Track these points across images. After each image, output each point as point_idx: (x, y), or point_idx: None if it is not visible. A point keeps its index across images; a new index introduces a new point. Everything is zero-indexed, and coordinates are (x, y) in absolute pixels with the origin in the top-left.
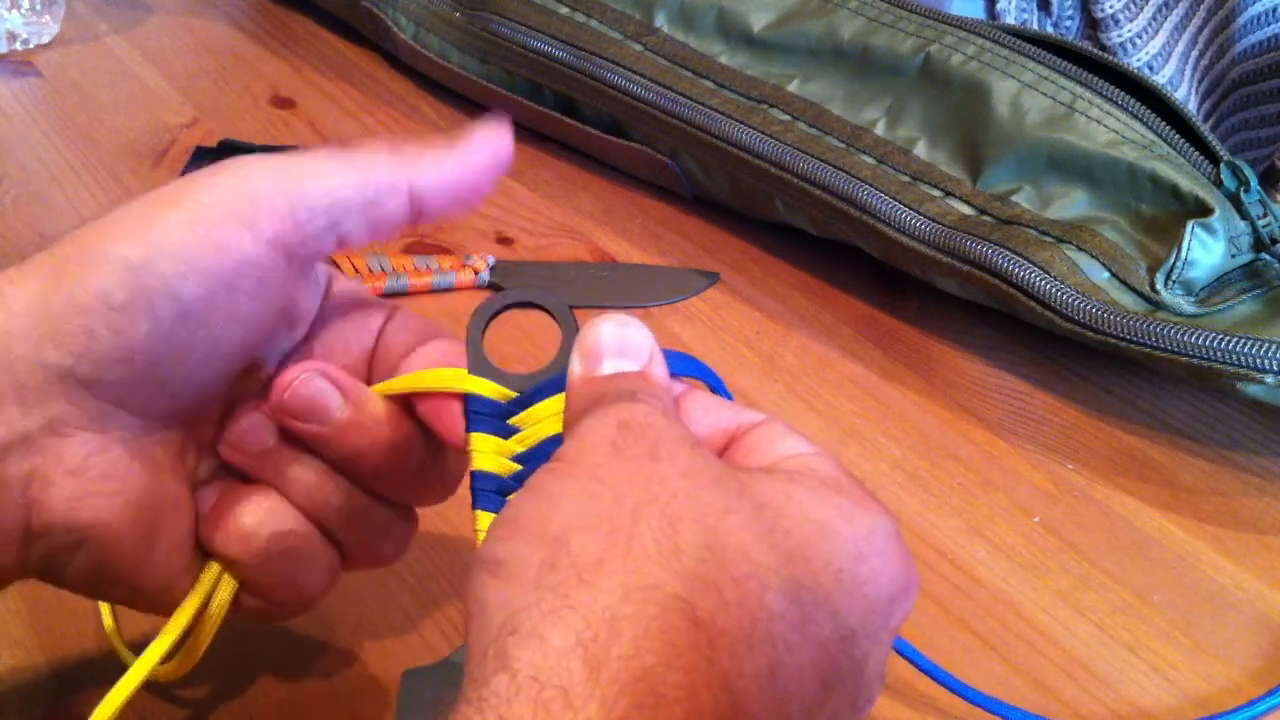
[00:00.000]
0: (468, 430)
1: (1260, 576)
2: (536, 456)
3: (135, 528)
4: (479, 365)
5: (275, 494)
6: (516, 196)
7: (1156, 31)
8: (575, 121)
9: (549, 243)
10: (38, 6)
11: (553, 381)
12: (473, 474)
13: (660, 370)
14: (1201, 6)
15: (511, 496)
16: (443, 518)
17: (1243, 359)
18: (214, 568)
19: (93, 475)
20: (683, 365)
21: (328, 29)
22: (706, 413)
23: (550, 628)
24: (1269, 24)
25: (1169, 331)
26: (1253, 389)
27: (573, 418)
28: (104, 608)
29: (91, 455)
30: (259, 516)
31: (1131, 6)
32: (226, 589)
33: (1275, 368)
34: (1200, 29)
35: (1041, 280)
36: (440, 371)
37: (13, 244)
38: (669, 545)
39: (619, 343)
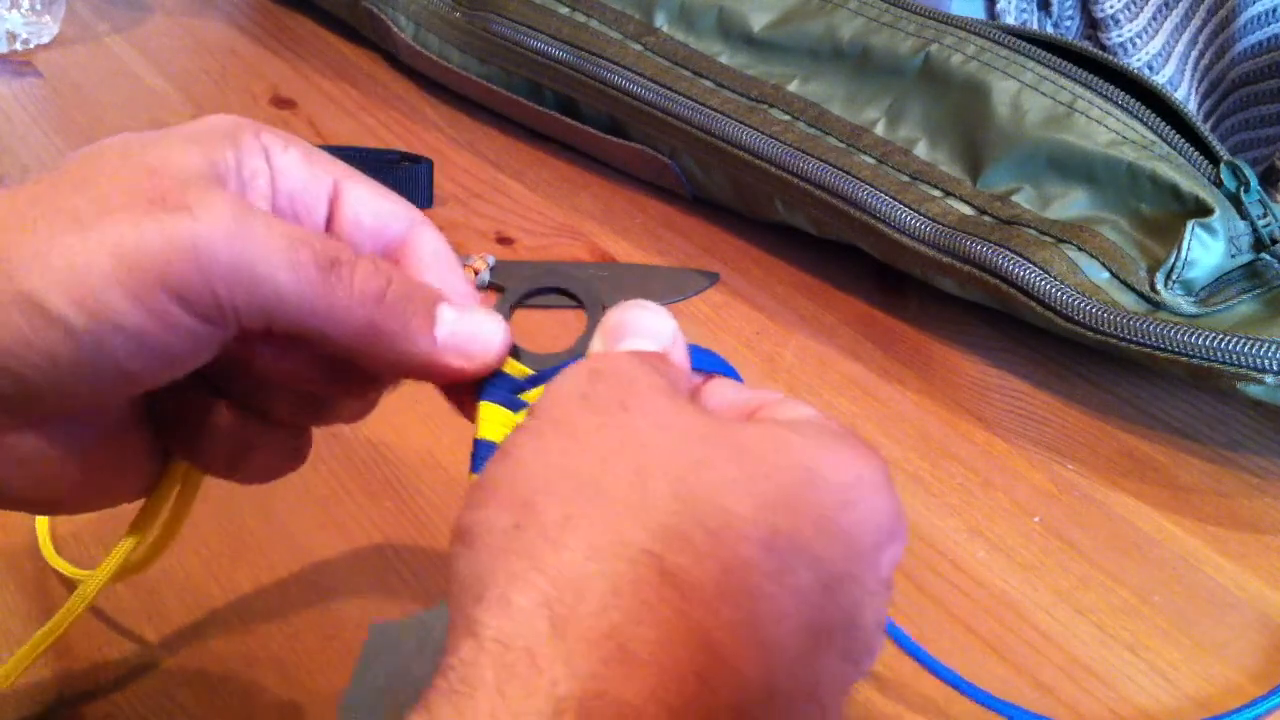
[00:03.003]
0: (478, 398)
1: (1260, 576)
2: None
3: (86, 490)
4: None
5: (240, 405)
6: (516, 196)
7: (1156, 32)
8: (575, 121)
9: (549, 243)
10: (38, 6)
11: (571, 361)
12: (475, 442)
13: (680, 354)
14: (1201, 6)
15: (486, 465)
16: (443, 517)
17: (1243, 359)
18: (180, 466)
19: (33, 468)
20: (705, 360)
21: (328, 29)
22: (725, 396)
23: (515, 591)
24: (1269, 24)
25: (1169, 331)
26: (1253, 389)
27: None
28: (40, 526)
29: (26, 452)
30: (232, 428)
31: (1131, 6)
32: (195, 481)
33: (1275, 368)
34: (1200, 29)
35: (1041, 280)
36: None
37: None
38: (638, 499)
39: (643, 325)
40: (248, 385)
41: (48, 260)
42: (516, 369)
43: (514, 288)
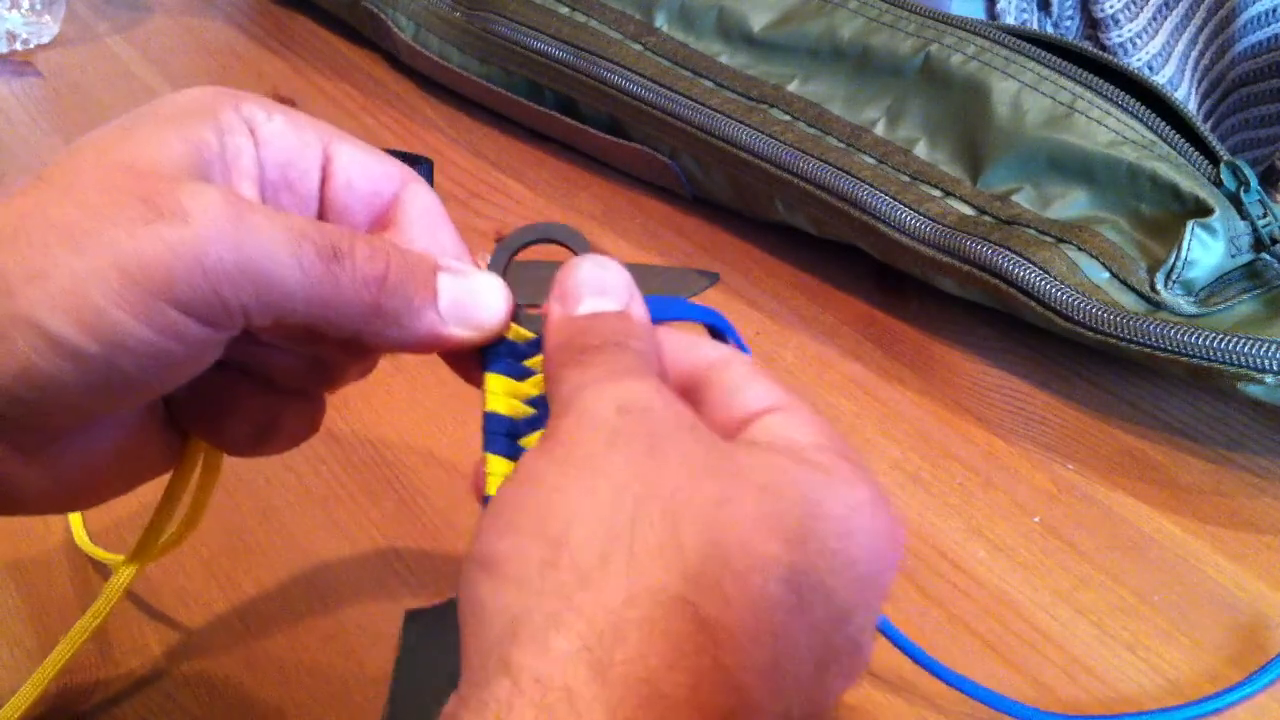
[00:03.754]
0: (484, 369)
1: (1260, 576)
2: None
3: (102, 484)
4: None
5: (250, 377)
6: (516, 196)
7: (1156, 32)
8: (575, 121)
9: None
10: (38, 6)
11: None
12: (485, 415)
13: (640, 310)
14: (1201, 6)
15: (502, 485)
16: (443, 517)
17: (1243, 359)
18: (199, 445)
19: (48, 477)
20: (673, 310)
21: (328, 29)
22: (673, 356)
23: (553, 632)
24: (1269, 24)
25: (1169, 331)
26: (1253, 389)
27: (553, 365)
28: (74, 517)
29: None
30: (245, 401)
31: (1131, 6)
32: (216, 459)
33: (1275, 368)
34: (1200, 29)
35: (1041, 280)
36: None
37: None
38: (672, 544)
39: (598, 282)
40: (257, 360)
41: (47, 281)
42: (518, 333)
43: (504, 245)
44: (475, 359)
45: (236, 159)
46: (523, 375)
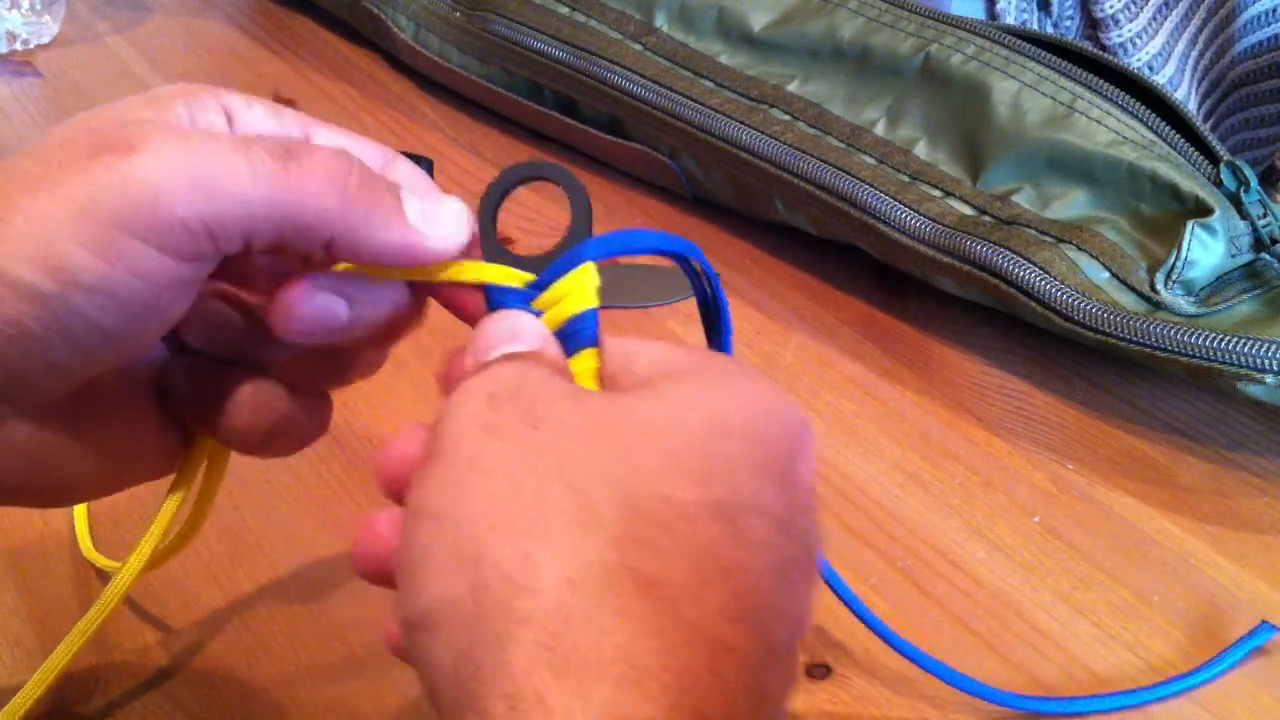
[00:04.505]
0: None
1: (1260, 576)
2: (565, 336)
3: (97, 477)
4: (493, 252)
5: (259, 375)
6: (516, 196)
7: (1156, 31)
8: (575, 121)
9: (549, 242)
10: (38, 6)
11: (568, 256)
12: None
13: (554, 352)
14: (1201, 7)
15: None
16: None
17: (1243, 359)
18: (206, 444)
19: (33, 458)
20: (638, 241)
21: (328, 29)
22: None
23: (508, 649)
24: (1269, 24)
25: (1169, 331)
26: (1253, 389)
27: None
28: (79, 519)
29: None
30: (254, 399)
31: (1131, 6)
32: (221, 461)
33: (1275, 368)
34: (1200, 29)
35: (1041, 280)
36: (455, 266)
37: None
38: (587, 514)
39: (509, 331)
40: (264, 355)
41: (6, 227)
42: (515, 277)
43: (496, 183)
44: (483, 310)
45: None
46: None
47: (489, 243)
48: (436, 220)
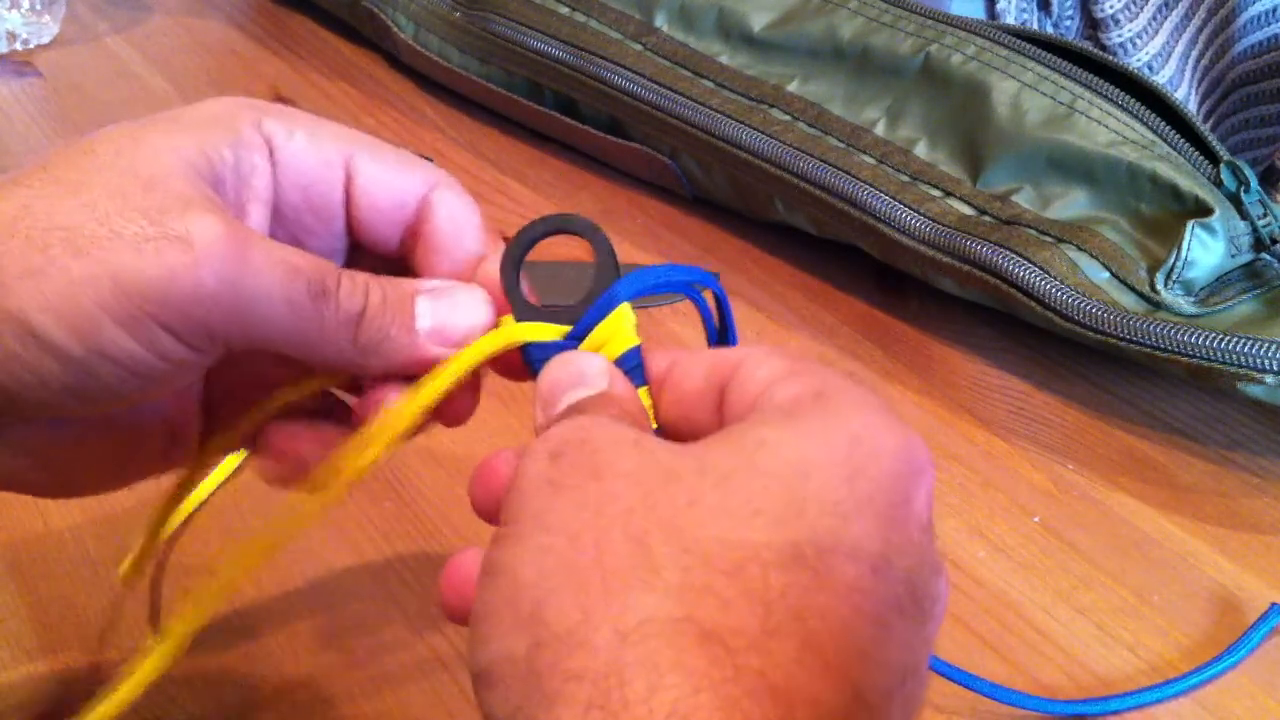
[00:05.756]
0: (534, 377)
1: (1260, 576)
2: None
3: (95, 473)
4: (522, 310)
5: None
6: (516, 196)
7: (1156, 31)
8: (575, 121)
9: (549, 242)
10: (38, 6)
11: (598, 306)
12: None
13: (622, 386)
14: (1201, 6)
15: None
16: (443, 517)
17: (1243, 359)
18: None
19: (30, 454)
20: (654, 276)
21: (327, 29)
22: (689, 378)
23: (557, 710)
24: (1269, 24)
25: (1169, 331)
26: (1253, 389)
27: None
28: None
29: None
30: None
31: (1131, 6)
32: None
33: (1275, 368)
34: (1200, 29)
35: (1041, 280)
36: (490, 336)
37: None
38: (645, 567)
39: (574, 376)
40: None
41: (42, 281)
42: (554, 331)
43: (516, 241)
44: (525, 377)
45: (250, 177)
46: None
47: (517, 301)
48: (450, 326)
